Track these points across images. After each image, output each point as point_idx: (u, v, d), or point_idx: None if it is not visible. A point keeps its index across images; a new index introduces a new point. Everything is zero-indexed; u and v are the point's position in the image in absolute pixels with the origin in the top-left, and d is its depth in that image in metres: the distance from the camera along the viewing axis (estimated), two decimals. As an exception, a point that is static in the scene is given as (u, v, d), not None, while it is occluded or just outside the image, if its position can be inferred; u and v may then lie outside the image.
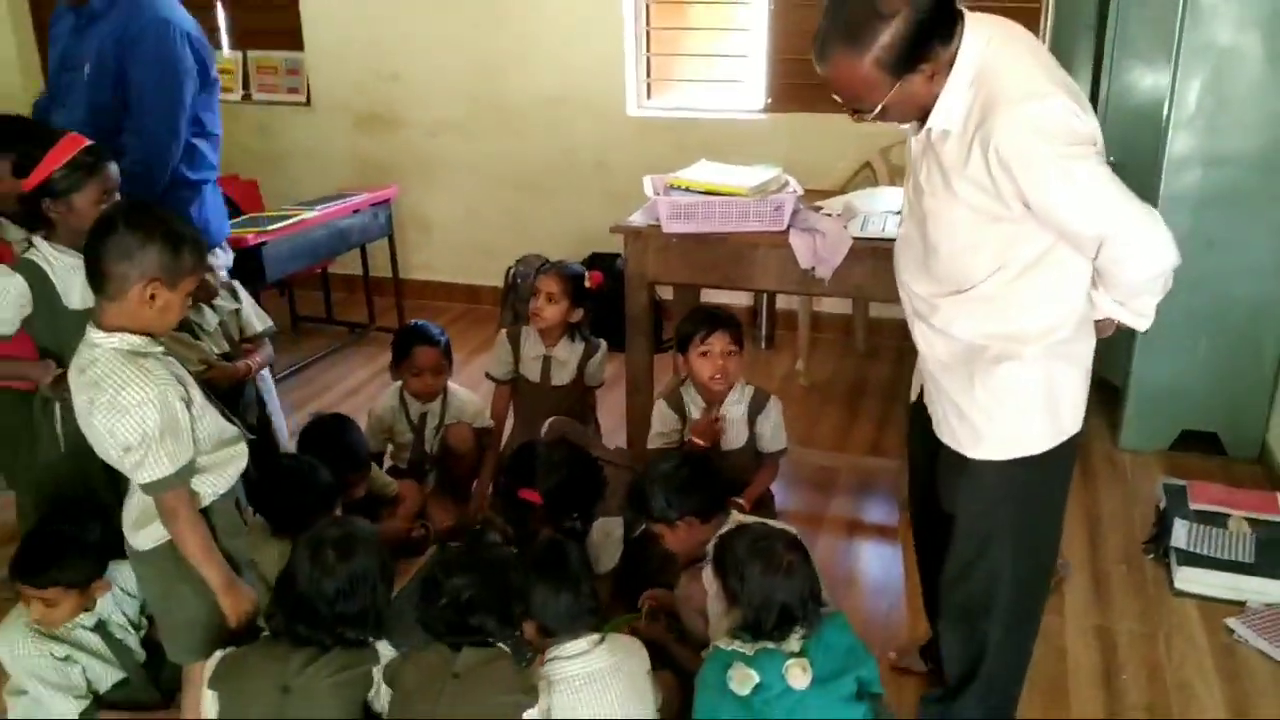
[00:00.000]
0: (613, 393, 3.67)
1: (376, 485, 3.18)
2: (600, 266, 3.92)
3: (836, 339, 4.83)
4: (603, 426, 3.60)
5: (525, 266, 4.81)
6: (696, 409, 3.00)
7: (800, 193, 3.03)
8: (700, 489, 2.56)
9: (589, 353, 3.35)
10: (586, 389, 3.42)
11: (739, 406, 2.99)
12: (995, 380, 1.96)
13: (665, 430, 3.02)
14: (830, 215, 3.04)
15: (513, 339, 3.37)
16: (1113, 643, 2.77)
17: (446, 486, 3.40)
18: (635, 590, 2.75)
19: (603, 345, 3.39)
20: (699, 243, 3.01)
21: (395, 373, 3.40)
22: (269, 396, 3.29)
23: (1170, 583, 2.98)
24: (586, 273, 3.37)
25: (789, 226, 2.96)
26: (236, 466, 2.13)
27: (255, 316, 3.01)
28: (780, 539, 2.17)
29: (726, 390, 2.96)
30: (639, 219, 3.14)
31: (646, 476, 2.63)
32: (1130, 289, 1.89)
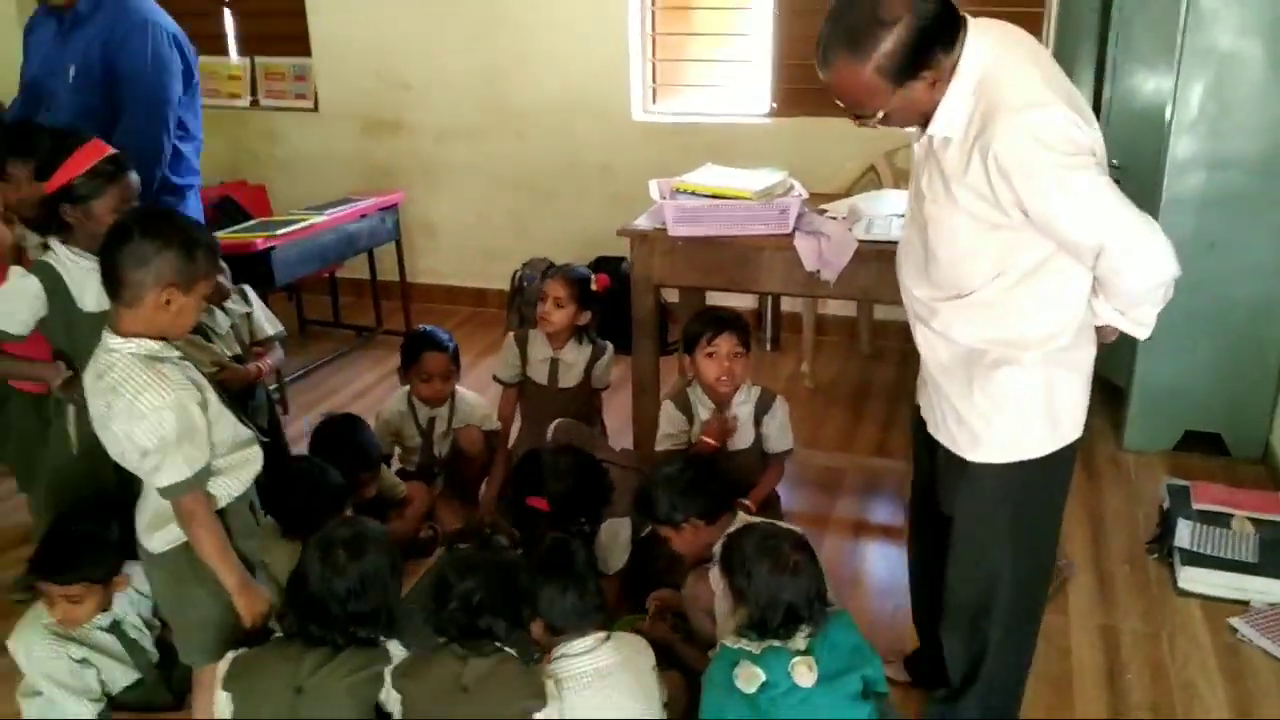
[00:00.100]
0: (619, 395, 3.68)
1: (385, 486, 3.21)
2: (606, 270, 3.93)
3: (841, 341, 4.85)
4: (609, 428, 3.61)
5: (531, 270, 4.85)
6: (704, 410, 3.01)
7: (805, 196, 3.05)
8: (704, 491, 2.57)
9: (596, 355, 3.37)
10: (593, 391, 3.44)
11: (745, 407, 3.01)
12: (994, 385, 1.97)
13: (673, 431, 3.04)
14: (835, 218, 3.06)
15: (520, 342, 3.39)
16: (1116, 642, 2.78)
17: (455, 489, 3.42)
18: (643, 590, 2.77)
19: (609, 348, 3.40)
20: (705, 246, 3.03)
21: (404, 377, 3.41)
22: None
23: (1174, 582, 2.99)
24: (592, 276, 3.39)
25: (794, 230, 2.97)
26: (251, 469, 2.15)
27: (266, 320, 3.03)
28: (787, 538, 2.19)
29: (733, 391, 2.98)
30: (645, 222, 3.16)
31: (651, 480, 2.65)
32: (1130, 298, 1.89)
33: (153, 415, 1.92)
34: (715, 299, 3.79)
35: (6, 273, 2.47)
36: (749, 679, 2.05)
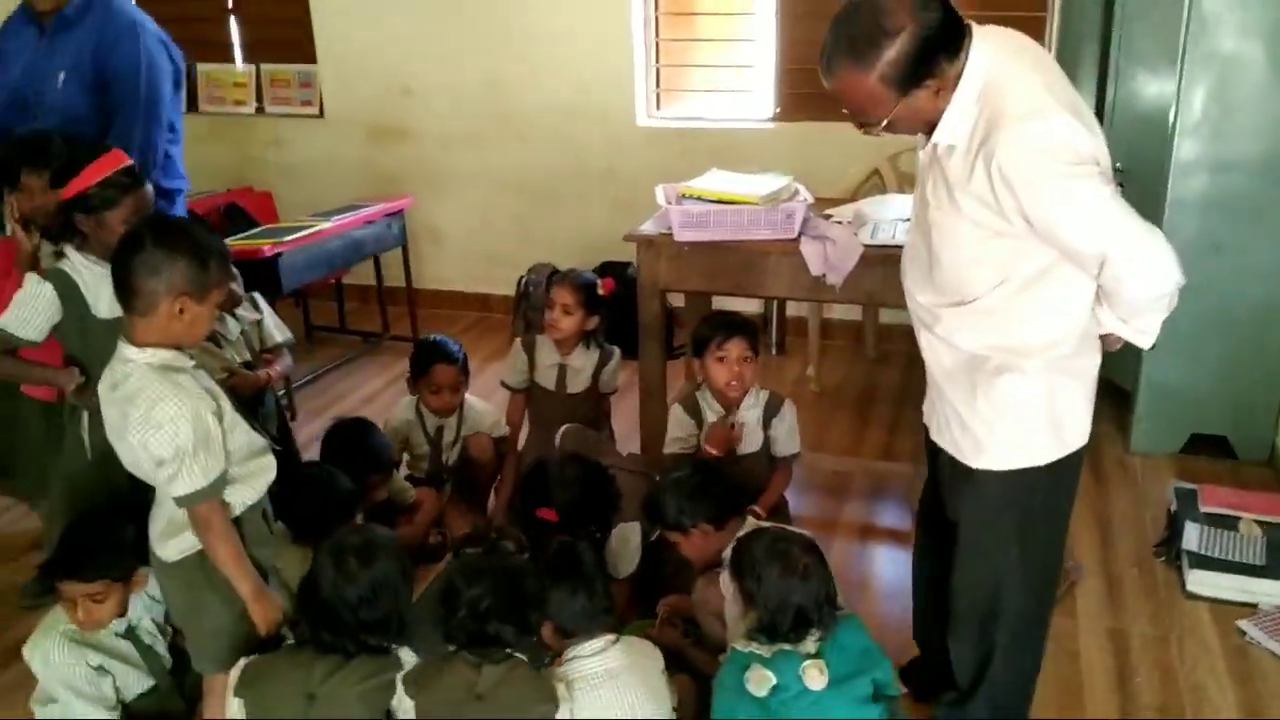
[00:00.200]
0: (626, 399, 3.69)
1: (393, 491, 3.22)
2: (611, 274, 3.94)
3: (847, 345, 4.86)
4: (616, 433, 3.62)
5: (537, 275, 4.85)
6: (713, 413, 3.02)
7: (811, 201, 3.06)
8: (713, 496, 2.58)
9: (604, 360, 3.37)
10: (601, 396, 3.44)
11: (754, 411, 3.01)
12: (996, 392, 1.97)
13: (682, 435, 3.04)
14: (840, 223, 3.07)
15: (528, 347, 3.39)
16: (1125, 645, 2.79)
17: (463, 495, 3.42)
18: (653, 594, 2.78)
19: (617, 353, 3.40)
20: (711, 251, 3.04)
21: (412, 388, 3.40)
22: None
23: (1182, 585, 3.00)
24: (598, 280, 3.39)
25: (800, 234, 2.99)
26: (266, 478, 2.15)
27: (275, 328, 3.04)
28: (797, 542, 2.20)
29: (742, 395, 2.99)
30: (651, 228, 3.17)
31: (659, 485, 2.66)
32: (1133, 307, 1.89)
33: (169, 425, 1.92)
34: (720, 303, 3.80)
35: (22, 280, 2.48)
36: (760, 682, 2.06)
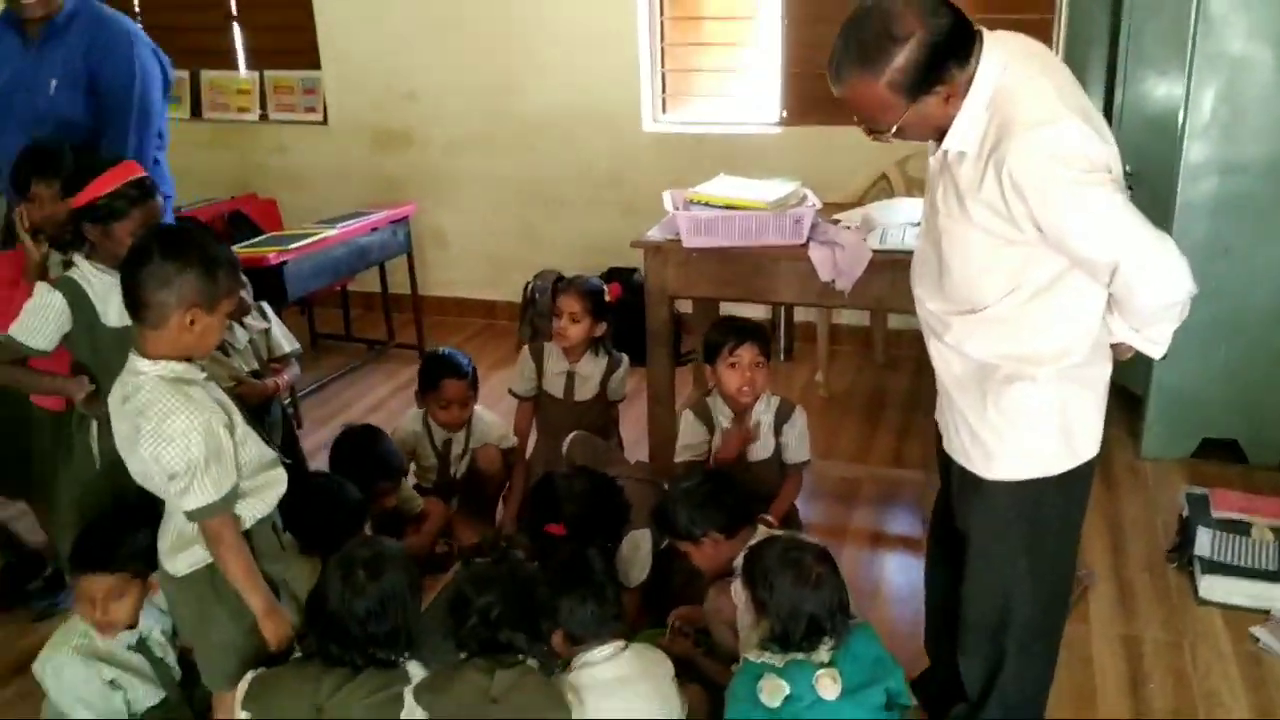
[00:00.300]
0: (634, 407, 3.68)
1: (401, 499, 3.21)
2: (618, 280, 3.93)
3: (855, 351, 4.84)
4: (624, 440, 3.60)
5: (543, 281, 4.84)
6: (725, 419, 3.01)
7: (819, 206, 3.05)
8: (723, 505, 2.57)
9: (612, 367, 3.36)
10: (609, 403, 3.43)
11: (765, 417, 3.01)
12: (1007, 401, 1.95)
13: (694, 442, 3.04)
14: (849, 228, 3.06)
15: (536, 355, 3.38)
16: (1139, 651, 2.77)
17: (471, 507, 3.40)
18: (663, 603, 2.77)
19: (625, 360, 3.39)
20: (719, 257, 3.03)
21: (421, 401, 3.37)
22: None
23: (1195, 591, 2.98)
24: (605, 286, 3.38)
25: (808, 240, 2.98)
26: (276, 491, 2.13)
27: (283, 337, 3.03)
28: (809, 550, 2.19)
29: (754, 401, 2.98)
30: (658, 234, 3.16)
31: (670, 495, 2.65)
32: (1144, 316, 1.87)
33: (180, 438, 1.91)
34: (727, 309, 3.79)
35: (32, 289, 2.47)
36: (773, 692, 2.04)
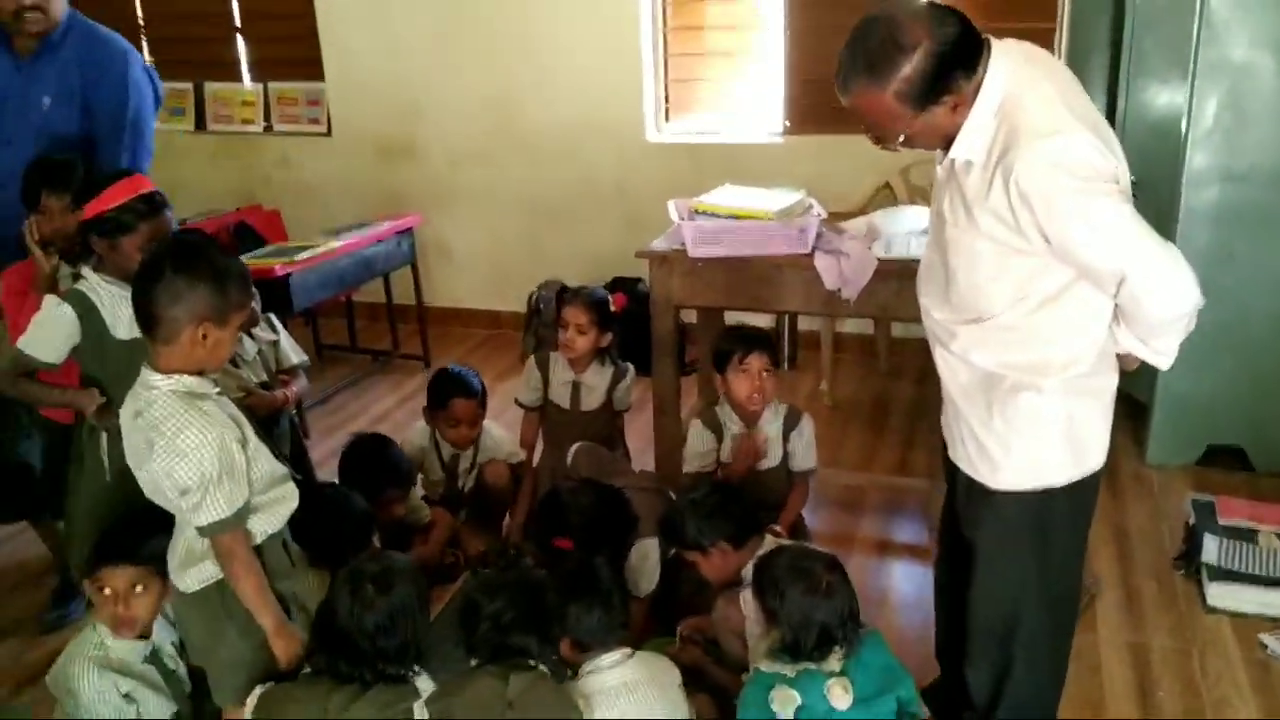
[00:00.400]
0: (638, 416, 3.68)
1: (410, 508, 3.20)
2: (622, 290, 3.94)
3: (858, 359, 4.84)
4: (629, 450, 3.60)
5: (547, 291, 4.85)
6: (734, 428, 3.02)
7: (824, 215, 3.06)
8: (731, 516, 2.57)
9: (618, 377, 3.36)
10: (614, 413, 3.43)
11: (774, 425, 3.02)
12: (1013, 411, 1.96)
13: (703, 450, 3.04)
14: (854, 237, 3.06)
15: (541, 365, 3.38)
16: (1147, 659, 2.77)
17: (479, 519, 3.39)
18: (671, 612, 2.77)
19: (630, 369, 3.39)
20: (725, 266, 3.03)
21: (429, 418, 3.34)
22: None
23: (1202, 599, 2.98)
24: (610, 296, 3.38)
25: (814, 249, 2.98)
26: (287, 506, 2.12)
27: (291, 349, 3.03)
28: (819, 559, 2.19)
29: (763, 409, 2.98)
30: (663, 244, 3.16)
31: (678, 505, 2.65)
32: (1151, 327, 1.87)
33: (194, 453, 1.89)
34: (731, 318, 3.80)
35: (41, 301, 2.48)
36: (784, 702, 2.04)
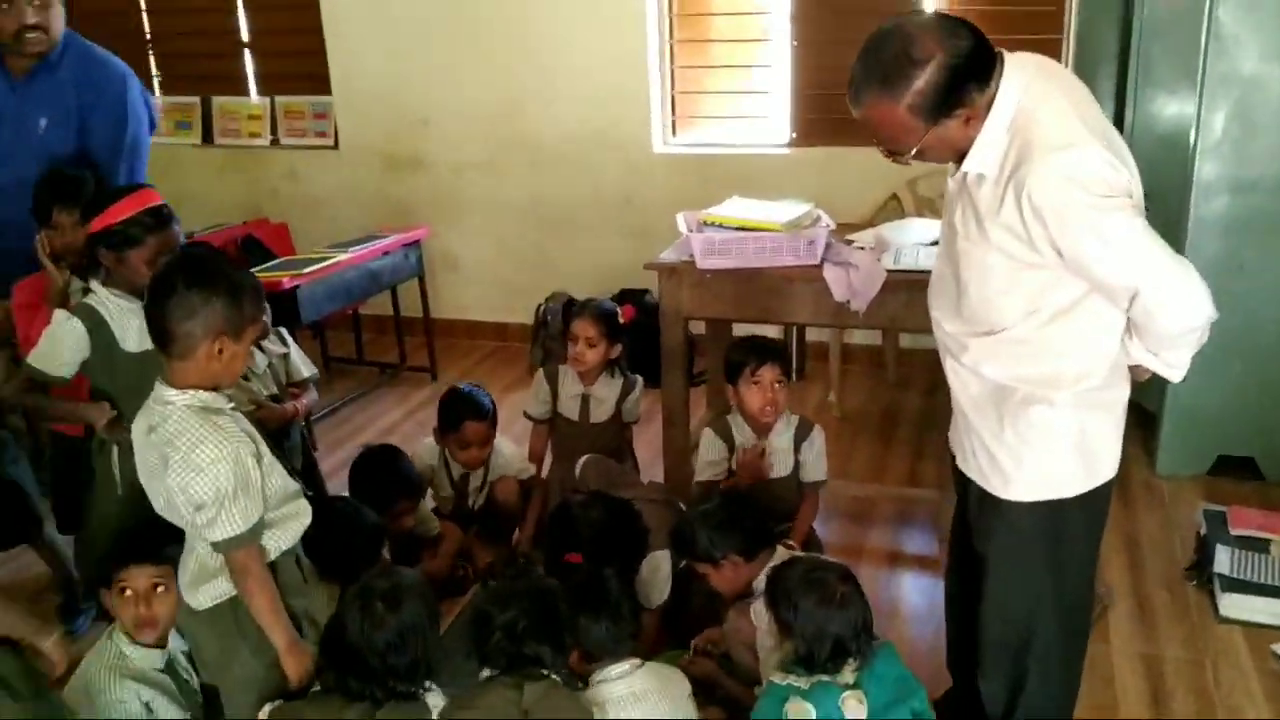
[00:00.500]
0: (647, 428, 3.68)
1: (419, 519, 3.20)
2: (630, 302, 3.94)
3: (866, 370, 4.83)
4: (638, 461, 3.59)
5: (554, 303, 4.85)
6: (745, 438, 3.02)
7: (832, 227, 3.06)
8: (743, 528, 2.57)
9: (627, 389, 3.35)
10: (623, 425, 3.42)
11: (785, 435, 3.02)
12: (1024, 423, 1.95)
13: (715, 459, 3.04)
14: (862, 248, 3.07)
15: (550, 378, 3.38)
16: (1160, 670, 2.76)
17: (489, 535, 3.37)
18: (683, 623, 2.76)
19: (639, 381, 3.39)
20: (734, 278, 3.04)
21: (440, 439, 3.31)
22: None
23: (1215, 609, 2.97)
24: (618, 308, 3.38)
25: (823, 260, 2.99)
26: (301, 522, 2.11)
27: (302, 362, 3.05)
28: (833, 571, 2.19)
29: (775, 420, 2.98)
30: (672, 255, 3.17)
31: (689, 517, 2.65)
32: (1163, 341, 1.86)
33: (210, 468, 1.88)
34: (739, 329, 3.80)
35: (50, 316, 2.49)
36: (798, 714, 2.04)
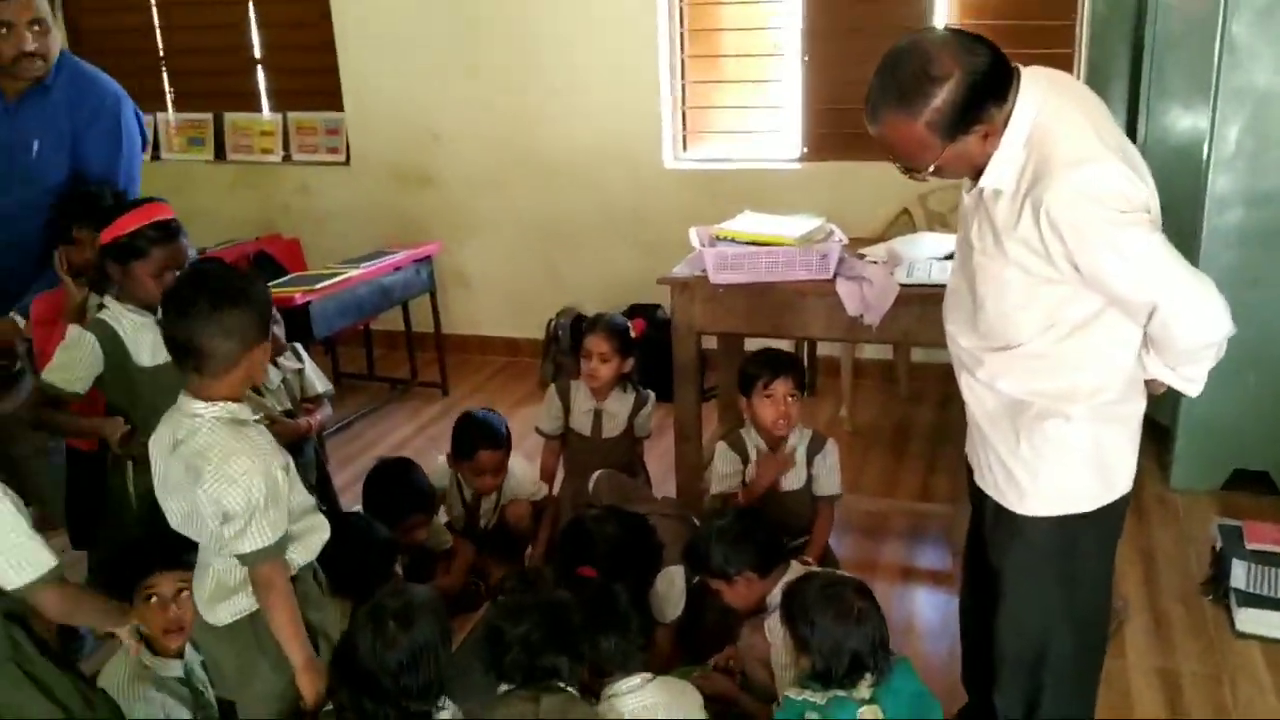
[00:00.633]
0: (659, 442, 3.67)
1: (432, 533, 3.19)
2: (641, 316, 3.93)
3: (878, 384, 4.82)
4: (650, 476, 3.59)
5: (565, 318, 4.86)
6: (758, 451, 3.01)
7: (845, 241, 3.07)
8: (756, 543, 2.56)
9: (639, 404, 3.35)
10: (635, 440, 3.42)
11: (799, 449, 3.01)
12: (1040, 438, 1.95)
13: (729, 471, 3.03)
14: (875, 262, 3.07)
15: (562, 393, 3.37)
16: (1177, 685, 2.74)
17: (500, 554, 3.37)
18: (698, 639, 2.75)
19: (651, 396, 3.39)
20: (746, 292, 3.04)
21: (454, 464, 3.31)
22: None
23: (1231, 624, 2.95)
24: (629, 323, 3.38)
25: (835, 275, 2.98)
26: (320, 536, 2.10)
27: (316, 378, 3.05)
28: (849, 586, 2.19)
29: (788, 434, 2.98)
30: (684, 270, 3.17)
31: (703, 533, 2.64)
32: (1181, 355, 1.86)
33: (243, 479, 1.87)
34: (751, 343, 3.79)
35: (65, 331, 2.49)
36: (815, 730, 2.03)
